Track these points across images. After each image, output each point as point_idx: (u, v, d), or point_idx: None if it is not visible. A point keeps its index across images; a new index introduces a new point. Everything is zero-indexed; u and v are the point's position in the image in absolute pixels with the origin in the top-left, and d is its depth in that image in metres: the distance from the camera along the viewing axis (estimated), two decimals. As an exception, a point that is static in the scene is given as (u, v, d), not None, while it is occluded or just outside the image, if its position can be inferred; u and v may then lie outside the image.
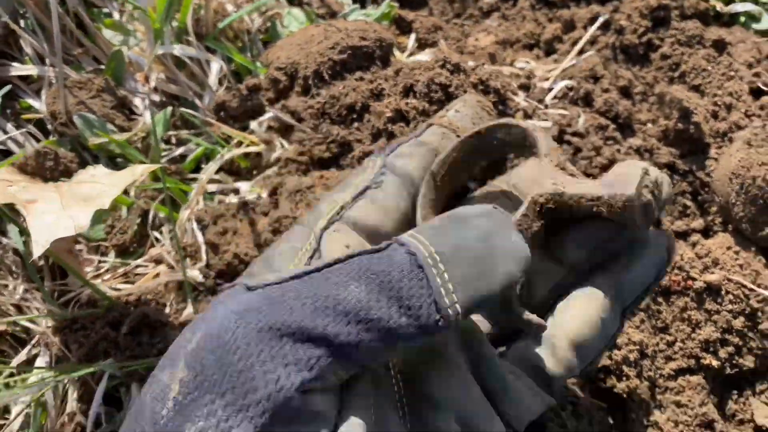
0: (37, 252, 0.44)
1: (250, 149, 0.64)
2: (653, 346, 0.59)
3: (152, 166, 0.49)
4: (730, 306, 0.59)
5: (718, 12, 0.76)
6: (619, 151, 0.63)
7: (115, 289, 0.61)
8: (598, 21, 0.71)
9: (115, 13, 0.75)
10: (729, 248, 0.61)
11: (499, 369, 0.38)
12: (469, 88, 0.62)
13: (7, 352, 0.60)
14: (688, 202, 0.65)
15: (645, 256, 0.40)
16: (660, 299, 0.60)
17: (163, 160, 0.67)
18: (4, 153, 0.66)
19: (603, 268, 0.41)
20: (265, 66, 0.71)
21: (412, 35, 0.74)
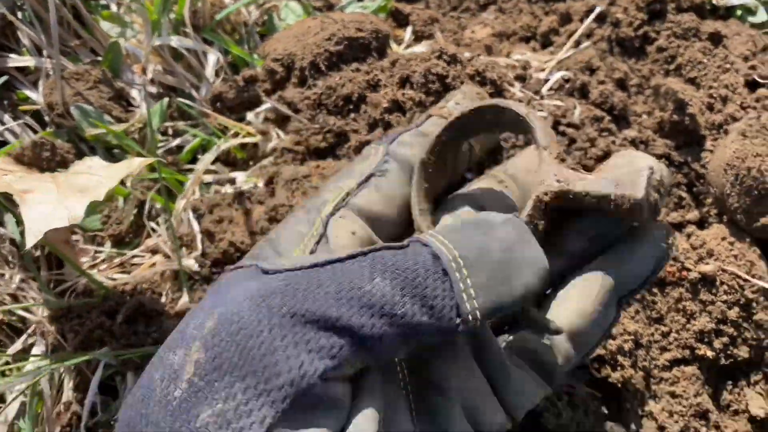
0: (30, 242, 0.44)
1: (246, 140, 0.65)
2: (648, 337, 0.59)
3: (148, 159, 0.49)
4: (725, 297, 0.59)
5: (714, 5, 0.76)
6: (614, 142, 0.63)
7: (111, 279, 0.61)
8: (593, 13, 0.71)
9: (113, 4, 0.75)
10: (724, 239, 0.61)
11: (502, 358, 0.38)
12: (465, 79, 0.63)
13: (3, 341, 0.60)
14: (684, 193, 0.65)
15: (644, 248, 0.40)
16: (655, 290, 0.61)
17: (160, 151, 0.67)
18: (1, 144, 0.66)
19: (601, 258, 0.41)
20: (262, 58, 0.71)
21: (409, 28, 0.74)
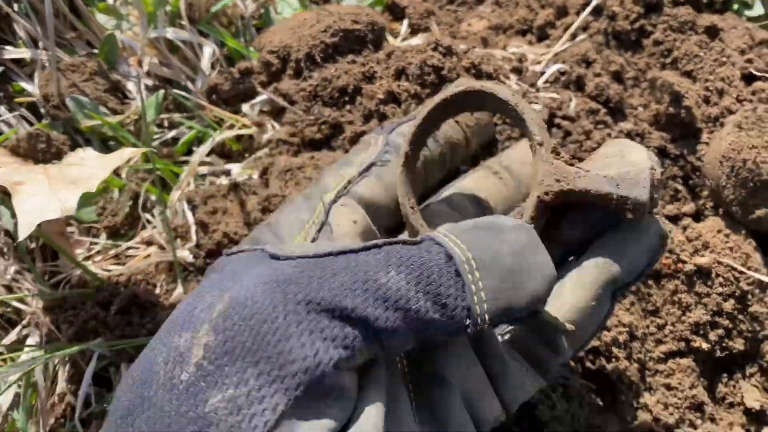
0: (23, 234, 0.44)
1: (241, 132, 0.65)
2: (643, 329, 0.59)
3: (141, 149, 0.49)
4: (720, 289, 0.59)
5: (711, -1, 0.76)
6: (610, 135, 0.63)
7: (105, 271, 0.61)
8: (590, 6, 0.71)
9: (109, -3, 0.75)
10: (719, 231, 0.61)
11: (500, 351, 0.38)
12: (461, 72, 0.62)
13: (-2, 332, 0.60)
14: (679, 186, 0.64)
15: (639, 242, 0.40)
16: (650, 282, 0.60)
17: (155, 143, 0.67)
18: (-3, 136, 0.66)
19: (596, 251, 0.41)
20: (258, 50, 0.71)
21: (405, 21, 0.74)
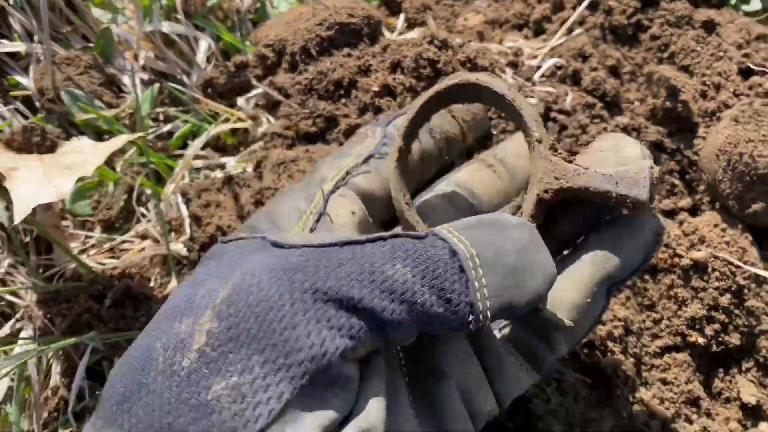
0: (17, 218, 0.44)
1: (237, 125, 0.64)
2: (639, 323, 0.59)
3: (134, 135, 0.49)
4: (717, 283, 0.58)
5: (708, -6, 0.75)
6: (606, 129, 0.63)
7: (100, 264, 0.61)
8: (586, 1, 0.71)
9: (105, -9, 0.75)
10: (716, 226, 0.61)
11: (496, 346, 0.39)
12: (457, 65, 0.62)
13: (-9, 325, 0.60)
14: (676, 180, 0.64)
15: (635, 238, 0.40)
16: (647, 277, 0.60)
17: (151, 137, 0.67)
18: (-8, 129, 0.66)
19: (591, 247, 0.40)
20: (253, 45, 0.70)
21: (402, 15, 0.74)
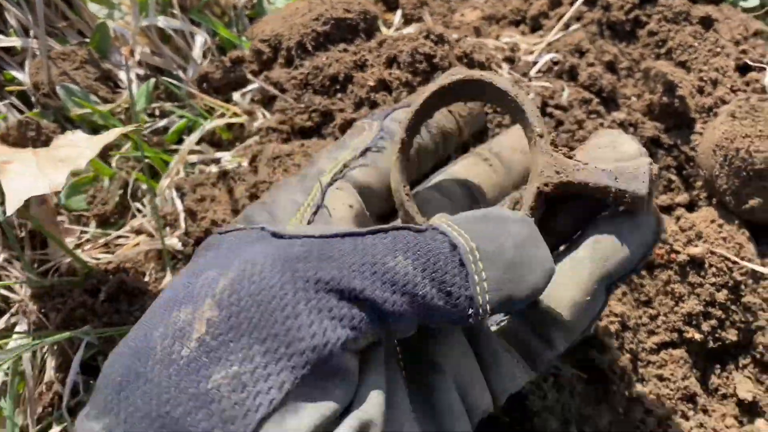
0: (10, 210, 0.44)
1: (232, 120, 0.64)
2: (636, 319, 0.59)
3: (129, 126, 0.49)
4: (714, 279, 0.58)
5: (706, -10, 0.75)
6: (603, 124, 0.62)
7: (95, 259, 0.61)
8: (584, -3, 0.71)
9: (101, -14, 0.74)
10: (713, 221, 0.60)
11: (492, 341, 0.38)
12: (453, 60, 0.62)
13: (-15, 320, 0.59)
14: (673, 176, 0.64)
15: (634, 236, 0.40)
16: (643, 272, 0.60)
17: (146, 132, 0.66)
18: (-13, 124, 0.66)
19: (591, 246, 0.40)
20: (250, 40, 0.70)
21: (399, 11, 0.74)
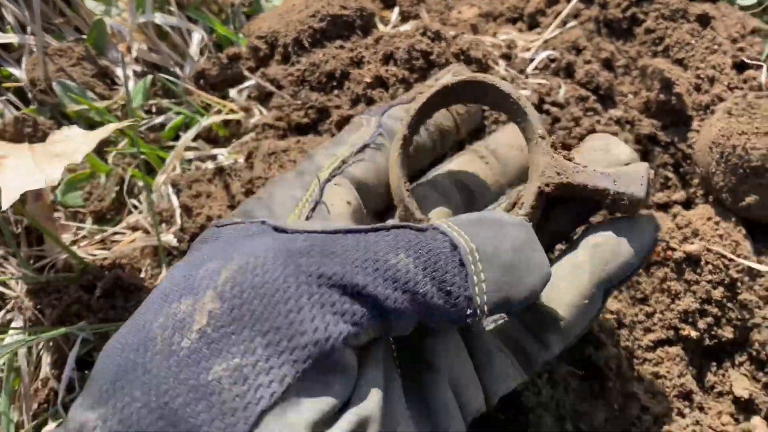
0: (5, 204, 0.44)
1: (229, 117, 0.64)
2: (632, 317, 0.59)
3: (124, 123, 0.49)
4: (710, 276, 0.58)
5: (704, -12, 0.75)
6: (599, 122, 0.62)
7: (91, 255, 0.61)
8: (581, -6, 0.71)
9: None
10: (709, 219, 0.60)
11: (487, 342, 0.39)
12: (450, 57, 0.62)
13: (-19, 316, 0.59)
14: (670, 173, 0.64)
15: (633, 240, 0.40)
16: (640, 270, 0.60)
17: (143, 129, 0.66)
18: (-16, 120, 0.66)
19: (591, 250, 0.40)
20: (246, 37, 0.70)
21: (396, 8, 0.74)
